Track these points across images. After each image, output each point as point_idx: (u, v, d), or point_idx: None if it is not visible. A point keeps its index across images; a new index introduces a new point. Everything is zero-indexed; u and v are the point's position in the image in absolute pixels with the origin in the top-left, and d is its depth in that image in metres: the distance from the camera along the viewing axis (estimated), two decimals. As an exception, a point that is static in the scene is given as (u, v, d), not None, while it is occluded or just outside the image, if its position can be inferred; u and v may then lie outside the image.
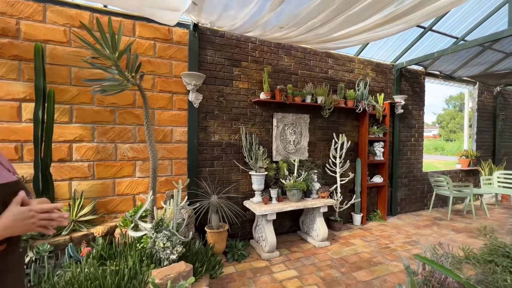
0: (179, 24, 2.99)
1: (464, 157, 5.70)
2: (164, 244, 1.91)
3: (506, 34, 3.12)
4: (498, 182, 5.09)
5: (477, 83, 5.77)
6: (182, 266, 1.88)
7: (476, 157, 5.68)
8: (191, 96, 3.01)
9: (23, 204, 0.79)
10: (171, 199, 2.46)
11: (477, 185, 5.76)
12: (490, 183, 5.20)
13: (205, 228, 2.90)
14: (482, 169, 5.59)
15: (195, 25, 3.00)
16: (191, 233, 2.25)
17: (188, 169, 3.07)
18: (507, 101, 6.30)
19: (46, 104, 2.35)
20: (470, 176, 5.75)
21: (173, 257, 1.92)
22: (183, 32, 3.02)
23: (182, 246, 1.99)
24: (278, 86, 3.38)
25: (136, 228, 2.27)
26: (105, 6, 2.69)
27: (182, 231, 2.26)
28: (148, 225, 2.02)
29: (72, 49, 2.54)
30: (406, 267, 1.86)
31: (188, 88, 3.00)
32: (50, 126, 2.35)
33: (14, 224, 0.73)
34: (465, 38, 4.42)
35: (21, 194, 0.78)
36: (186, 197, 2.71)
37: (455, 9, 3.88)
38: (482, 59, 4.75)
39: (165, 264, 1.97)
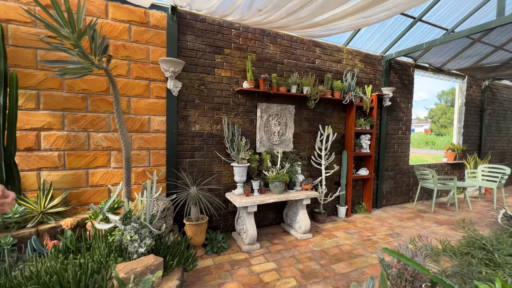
0: (156, 7, 2.82)
1: (450, 151, 5.74)
2: (131, 237, 1.82)
3: (495, 25, 3.06)
4: (482, 175, 5.14)
5: (466, 76, 5.75)
6: (151, 259, 1.81)
7: (462, 150, 5.73)
8: (170, 84, 2.88)
9: None
10: (145, 191, 2.36)
11: (462, 178, 5.83)
12: (475, 177, 5.26)
13: (184, 221, 2.83)
14: (468, 163, 5.64)
15: (174, 8, 2.84)
16: (164, 225, 2.17)
17: (167, 160, 2.96)
18: (494, 95, 6.33)
19: (8, 89, 2.19)
20: (455, 169, 5.81)
21: (142, 250, 1.84)
22: (161, 16, 2.85)
23: (152, 239, 1.91)
24: (262, 75, 3.26)
25: (106, 220, 2.17)
26: (74, -16, 2.50)
27: (155, 223, 2.17)
28: (116, 217, 1.92)
29: (38, 30, 2.37)
30: (380, 260, 1.83)
31: (166, 75, 2.86)
32: (14, 113, 2.20)
33: None
34: (455, 30, 4.36)
35: None
36: (161, 188, 2.62)
37: (445, 0, 3.79)
38: (472, 52, 4.71)
39: (134, 257, 1.89)
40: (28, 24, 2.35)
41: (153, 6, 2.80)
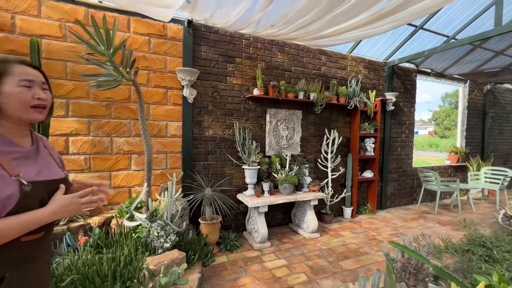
0: (174, 20, 3.03)
1: (453, 153, 5.86)
2: (158, 233, 2.00)
3: (493, 34, 3.22)
4: (485, 177, 5.25)
5: (468, 81, 5.89)
6: (176, 253, 1.98)
7: (465, 153, 5.84)
8: (186, 92, 3.08)
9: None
10: (166, 191, 2.55)
11: (465, 180, 5.93)
12: (478, 179, 5.36)
13: (199, 220, 3.00)
14: (471, 165, 5.75)
15: (189, 21, 3.05)
16: (184, 223, 2.35)
17: (183, 163, 3.15)
18: (496, 99, 6.44)
19: (42, 98, 2.40)
20: (458, 172, 5.92)
21: (167, 245, 2.02)
22: (178, 28, 3.06)
23: (175, 235, 2.09)
24: (271, 83, 3.45)
25: (131, 218, 2.36)
26: (100, 1, 2.72)
27: (176, 221, 2.36)
28: (143, 215, 2.11)
29: (68, 44, 2.59)
30: (386, 254, 1.98)
31: (182, 84, 3.06)
32: (47, 120, 2.41)
33: (60, 210, 0.82)
34: (456, 37, 4.52)
35: (62, 187, 0.89)
36: (180, 189, 2.80)
37: (446, 8, 3.96)
38: (473, 58, 4.86)
39: (159, 252, 2.07)
40: (60, 39, 2.56)
41: (171, 20, 3.01)
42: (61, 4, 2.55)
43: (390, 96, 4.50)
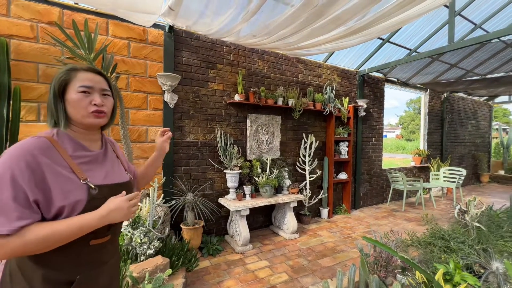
0: (155, 25, 3.02)
1: (417, 155, 6.41)
2: (141, 240, 1.98)
3: (447, 50, 3.65)
4: (444, 177, 5.81)
5: (428, 89, 6.51)
6: (159, 260, 1.98)
7: (427, 155, 6.42)
8: (167, 97, 3.07)
9: None
10: (147, 198, 2.51)
11: (427, 180, 6.51)
12: (438, 178, 5.92)
13: (181, 225, 2.99)
14: (432, 166, 6.34)
15: (171, 27, 3.06)
16: (167, 229, 2.34)
17: (163, 168, 3.12)
18: (452, 106, 7.19)
19: (11, 102, 2.26)
20: (422, 172, 6.48)
21: (150, 252, 2.00)
22: (159, 33, 3.05)
23: (159, 242, 2.08)
24: (252, 89, 3.55)
25: (111, 226, 2.30)
26: (75, 3, 2.63)
27: (158, 228, 2.34)
28: (124, 223, 2.07)
29: (40, 45, 2.46)
30: (360, 249, 2.16)
31: (163, 89, 3.05)
32: (16, 125, 2.27)
33: (110, 214, 0.79)
34: (417, 50, 5.00)
35: (123, 192, 0.87)
36: (162, 195, 2.78)
37: (409, 24, 4.39)
38: (432, 69, 5.40)
39: (141, 259, 2.05)
40: (31, 40, 2.44)
41: (152, 25, 2.99)
42: (33, 3, 2.43)
43: (362, 103, 4.84)
